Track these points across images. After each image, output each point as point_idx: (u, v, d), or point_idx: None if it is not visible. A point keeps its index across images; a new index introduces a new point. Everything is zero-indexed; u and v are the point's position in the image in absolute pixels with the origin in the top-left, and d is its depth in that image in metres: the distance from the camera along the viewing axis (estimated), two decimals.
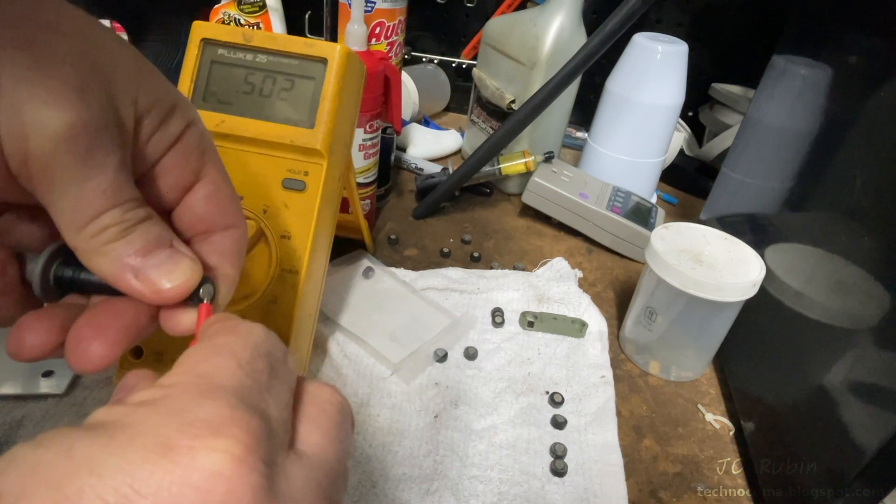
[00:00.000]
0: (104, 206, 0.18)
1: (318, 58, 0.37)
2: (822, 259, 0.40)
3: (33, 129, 0.17)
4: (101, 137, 0.18)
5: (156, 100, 0.20)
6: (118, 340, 0.20)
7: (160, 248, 0.20)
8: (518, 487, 0.38)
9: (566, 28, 0.64)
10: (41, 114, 0.17)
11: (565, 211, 0.65)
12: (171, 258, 0.20)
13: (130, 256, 0.19)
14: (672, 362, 0.48)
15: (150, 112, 0.20)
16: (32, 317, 0.21)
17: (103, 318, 0.20)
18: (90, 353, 0.19)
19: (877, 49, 0.40)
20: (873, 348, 0.33)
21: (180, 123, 0.21)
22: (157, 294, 0.20)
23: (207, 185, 0.23)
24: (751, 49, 0.79)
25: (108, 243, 0.19)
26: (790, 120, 0.51)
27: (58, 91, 0.17)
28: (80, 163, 0.18)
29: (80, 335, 0.20)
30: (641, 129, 0.67)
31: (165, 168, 0.21)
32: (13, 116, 0.17)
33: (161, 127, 0.21)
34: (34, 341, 0.20)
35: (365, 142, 0.56)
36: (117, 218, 0.19)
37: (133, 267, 0.19)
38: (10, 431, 0.37)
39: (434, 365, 0.46)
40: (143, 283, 0.19)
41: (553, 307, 0.53)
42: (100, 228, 0.19)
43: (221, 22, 0.82)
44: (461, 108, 0.93)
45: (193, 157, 0.22)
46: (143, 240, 0.19)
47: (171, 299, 0.20)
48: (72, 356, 0.19)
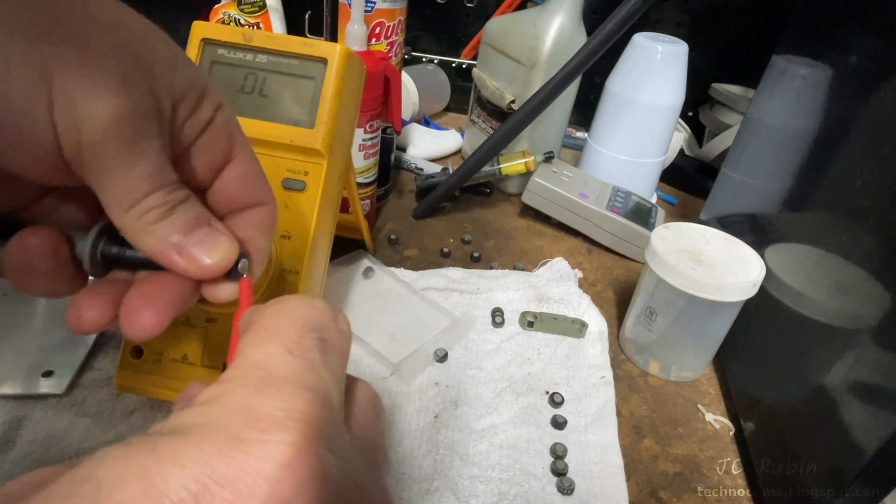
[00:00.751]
0: (148, 189, 0.20)
1: (318, 58, 0.37)
2: (822, 259, 0.40)
3: (85, 120, 0.18)
4: (144, 125, 0.20)
5: (189, 86, 0.21)
6: (166, 309, 0.22)
7: (200, 227, 0.21)
8: (518, 487, 0.38)
9: (566, 28, 0.64)
10: (91, 105, 0.18)
11: (565, 211, 0.65)
12: (210, 236, 0.22)
13: (173, 235, 0.21)
14: (672, 362, 0.48)
15: (185, 98, 0.21)
16: (87, 294, 0.22)
17: (151, 290, 0.22)
18: (143, 322, 0.21)
19: (877, 49, 0.40)
20: (873, 348, 0.33)
21: (211, 107, 0.23)
22: (198, 269, 0.21)
23: (238, 166, 0.24)
24: (751, 49, 0.79)
25: (152, 223, 0.20)
26: (790, 120, 0.51)
27: (105, 83, 0.18)
28: (127, 150, 0.19)
29: (132, 306, 0.21)
30: (641, 129, 0.67)
31: (199, 151, 0.23)
32: (67, 108, 0.18)
33: (194, 112, 0.22)
34: (92, 316, 0.22)
35: (365, 142, 0.56)
36: (160, 200, 0.20)
37: (176, 245, 0.21)
38: (10, 431, 0.37)
39: (434, 365, 0.46)
40: (185, 259, 0.21)
41: (553, 307, 0.53)
42: (145, 210, 0.20)
43: (221, 22, 0.82)
44: (461, 108, 0.93)
45: (224, 139, 0.23)
46: (184, 219, 0.21)
47: (212, 274, 0.22)
48: (126, 325, 0.21)
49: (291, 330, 0.18)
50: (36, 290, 0.22)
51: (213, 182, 0.24)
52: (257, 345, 0.17)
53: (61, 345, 0.43)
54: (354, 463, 0.17)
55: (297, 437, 0.15)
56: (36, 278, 0.22)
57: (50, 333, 0.43)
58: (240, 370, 0.16)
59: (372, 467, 0.19)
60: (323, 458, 0.15)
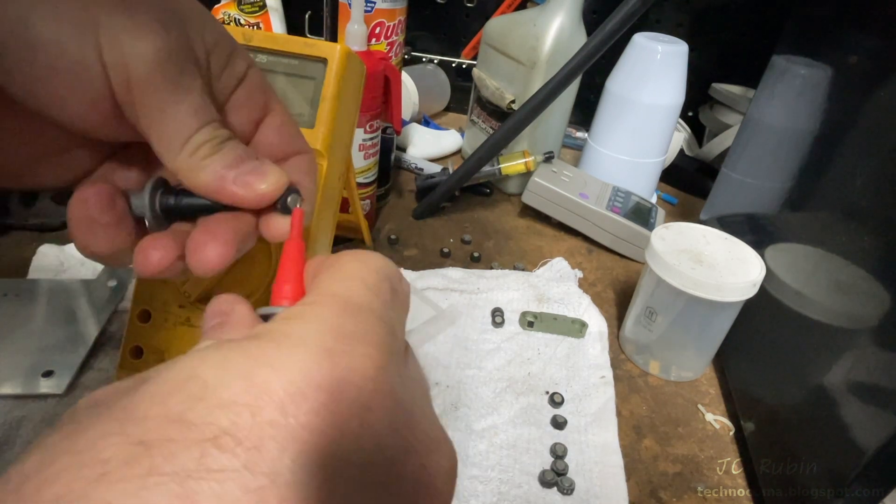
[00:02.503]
0: (196, 124, 0.21)
1: (318, 58, 0.37)
2: (822, 259, 0.40)
3: (132, 58, 0.20)
4: (185, 63, 0.21)
5: (219, 40, 0.23)
6: (229, 241, 0.22)
7: (248, 159, 0.22)
8: (518, 489, 0.38)
9: (566, 28, 0.64)
10: (137, 44, 0.20)
11: (565, 211, 0.65)
12: (261, 165, 0.23)
13: (226, 168, 0.22)
14: (672, 362, 0.48)
15: (216, 50, 0.23)
16: (152, 237, 0.23)
17: (214, 226, 0.23)
18: (209, 254, 0.22)
19: (877, 49, 0.40)
20: (873, 348, 0.33)
21: (243, 64, 0.24)
22: (256, 195, 0.22)
23: (276, 118, 0.25)
24: (751, 49, 0.79)
25: (205, 158, 0.21)
26: (790, 120, 0.51)
27: (146, 25, 0.20)
28: (173, 85, 0.20)
29: (197, 241, 0.22)
30: (641, 129, 0.67)
31: (237, 104, 0.24)
32: (114, 48, 0.19)
33: (228, 66, 0.23)
34: (157, 256, 0.22)
35: (365, 142, 0.56)
36: (209, 135, 0.21)
37: (231, 177, 0.22)
38: (10, 431, 0.37)
39: (432, 363, 0.46)
40: (242, 188, 0.22)
41: (553, 307, 0.53)
42: (196, 146, 0.21)
43: (221, 22, 0.82)
44: (461, 108, 0.93)
45: (259, 93, 0.25)
46: (233, 153, 0.22)
47: (269, 199, 0.22)
48: (193, 259, 0.22)
49: (370, 273, 0.19)
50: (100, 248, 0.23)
51: (253, 135, 0.25)
52: (337, 280, 0.18)
53: (61, 345, 0.43)
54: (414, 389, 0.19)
55: (377, 355, 0.16)
56: (98, 233, 0.23)
57: (50, 333, 0.43)
58: (321, 296, 0.18)
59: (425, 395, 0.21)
60: (394, 376, 0.17)
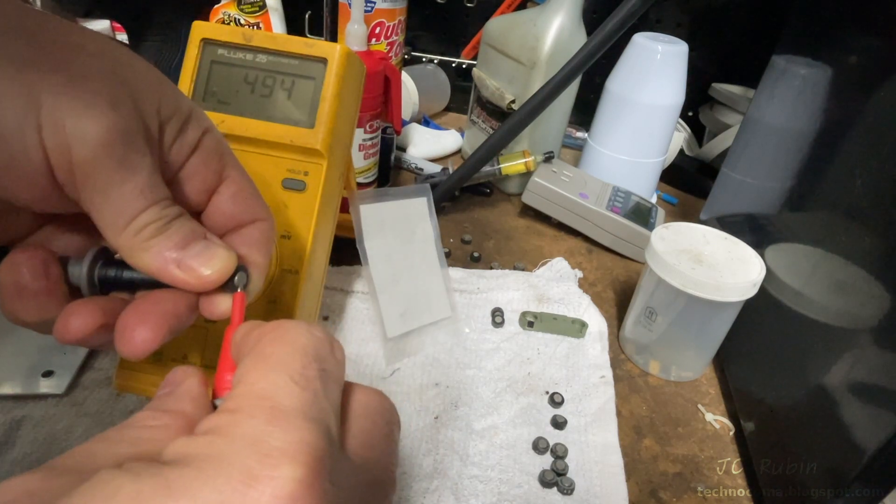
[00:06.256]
0: (142, 205, 0.20)
1: (318, 58, 0.37)
2: (822, 259, 0.40)
3: (75, 139, 0.19)
4: (134, 143, 0.20)
5: (175, 109, 0.22)
6: (160, 326, 0.22)
7: (196, 240, 0.22)
8: (518, 489, 0.38)
9: (566, 28, 0.64)
10: (80, 125, 0.19)
11: (565, 211, 0.65)
12: (207, 248, 0.22)
13: (171, 250, 0.21)
14: (672, 362, 0.48)
15: (171, 121, 0.22)
16: (77, 304, 0.22)
17: (145, 307, 0.22)
18: (136, 338, 0.21)
19: (877, 49, 0.40)
20: (873, 348, 0.33)
21: (197, 130, 0.23)
22: (199, 280, 0.21)
23: (231, 185, 0.24)
24: (751, 49, 0.79)
25: (149, 239, 0.20)
26: (790, 120, 0.51)
27: (93, 103, 0.19)
28: (118, 166, 0.19)
29: (125, 323, 0.21)
30: (641, 129, 0.67)
31: (190, 173, 0.23)
32: (56, 131, 0.19)
33: (180, 135, 0.22)
34: (78, 324, 0.21)
35: (365, 142, 0.56)
36: (155, 215, 0.21)
37: (174, 259, 0.21)
38: (10, 431, 0.37)
39: (432, 364, 0.46)
40: (185, 272, 0.21)
41: (553, 307, 0.53)
42: (140, 226, 0.20)
43: (221, 22, 0.82)
44: (461, 108, 0.93)
45: (214, 160, 0.24)
46: (180, 234, 0.21)
47: (212, 284, 0.22)
48: (120, 342, 0.21)
49: (295, 359, 0.18)
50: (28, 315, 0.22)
51: (206, 204, 0.24)
52: (261, 374, 0.17)
53: (61, 345, 0.43)
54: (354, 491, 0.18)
55: (305, 472, 0.15)
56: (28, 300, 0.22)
57: None
58: (246, 400, 0.16)
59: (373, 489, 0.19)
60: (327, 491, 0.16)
